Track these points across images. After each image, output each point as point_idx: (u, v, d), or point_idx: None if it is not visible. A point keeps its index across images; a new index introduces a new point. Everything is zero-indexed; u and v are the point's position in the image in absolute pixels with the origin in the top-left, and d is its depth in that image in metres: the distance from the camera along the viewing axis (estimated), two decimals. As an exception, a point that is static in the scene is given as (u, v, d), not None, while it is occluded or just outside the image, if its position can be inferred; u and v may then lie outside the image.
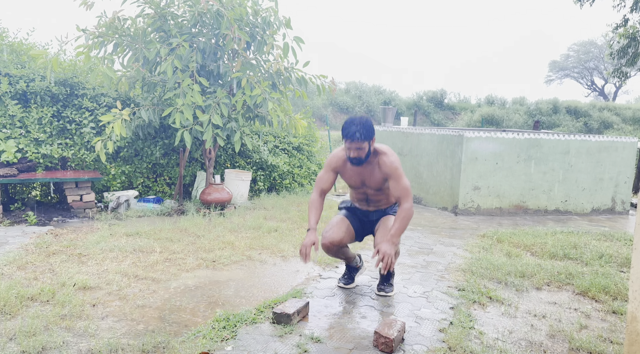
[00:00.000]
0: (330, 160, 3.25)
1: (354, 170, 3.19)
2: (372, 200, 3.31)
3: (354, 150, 3.01)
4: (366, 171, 3.16)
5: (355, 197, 3.39)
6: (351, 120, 3.01)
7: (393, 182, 3.06)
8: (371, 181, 3.18)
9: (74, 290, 3.11)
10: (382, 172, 3.11)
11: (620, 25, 10.29)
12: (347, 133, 2.98)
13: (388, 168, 3.06)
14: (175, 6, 5.44)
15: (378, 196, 3.27)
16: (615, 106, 25.37)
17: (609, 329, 2.86)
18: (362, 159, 3.06)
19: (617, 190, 7.04)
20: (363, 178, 3.20)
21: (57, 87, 5.72)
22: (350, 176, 3.24)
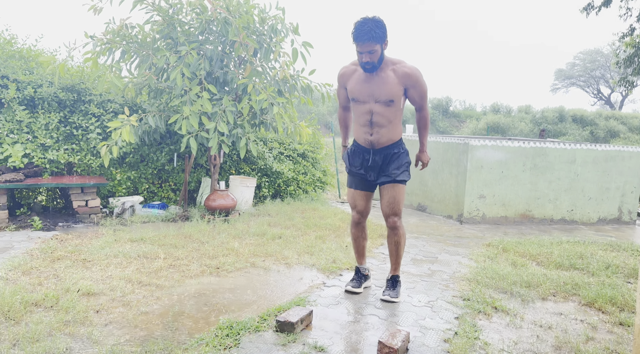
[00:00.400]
0: (340, 75, 3.29)
1: (363, 78, 3.09)
2: (376, 123, 3.15)
3: (366, 54, 2.91)
4: (376, 80, 3.05)
5: (359, 122, 3.24)
6: (363, 20, 2.88)
7: (414, 91, 3.09)
8: (380, 93, 3.06)
9: (78, 295, 3.11)
10: (400, 80, 3.02)
11: (626, 34, 10.27)
12: (359, 34, 2.85)
13: (408, 78, 3.02)
14: (183, 14, 5.49)
15: (382, 117, 3.13)
16: (621, 115, 25.28)
17: (616, 342, 2.82)
18: (376, 64, 2.96)
19: (624, 199, 6.99)
20: (372, 89, 3.08)
21: (64, 92, 5.77)
22: (358, 88, 3.12)
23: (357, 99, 3.17)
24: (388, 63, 3.06)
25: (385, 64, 3.05)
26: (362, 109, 3.18)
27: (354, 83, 3.15)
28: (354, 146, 3.37)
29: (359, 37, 2.87)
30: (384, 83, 3.04)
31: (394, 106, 3.12)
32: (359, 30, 2.87)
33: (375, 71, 3.02)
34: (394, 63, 3.07)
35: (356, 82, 3.14)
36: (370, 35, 2.84)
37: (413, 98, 3.16)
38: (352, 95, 3.19)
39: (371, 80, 3.07)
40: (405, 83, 3.07)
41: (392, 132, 3.20)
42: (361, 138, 3.28)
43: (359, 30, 2.87)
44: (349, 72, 3.20)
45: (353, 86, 3.15)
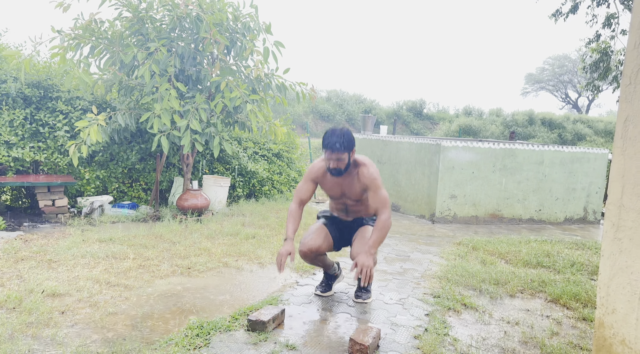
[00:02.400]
0: (310, 171, 3.26)
1: (334, 180, 3.21)
2: (352, 211, 3.33)
3: (333, 161, 3.03)
4: (346, 182, 3.18)
5: (335, 207, 3.41)
6: (332, 131, 3.04)
7: (371, 193, 3.09)
8: (351, 192, 3.21)
9: (43, 296, 3.02)
10: (361, 183, 3.13)
11: (592, 40, 10.62)
12: (328, 144, 3.00)
13: (367, 179, 3.09)
14: (154, 10, 5.40)
15: (357, 206, 3.29)
16: (588, 118, 26.11)
17: (579, 336, 2.91)
18: (342, 170, 3.08)
19: (589, 200, 7.22)
20: (343, 189, 3.22)
21: (30, 89, 5.60)
22: (329, 186, 3.26)
23: (331, 196, 3.33)
24: (354, 166, 3.16)
25: (352, 166, 3.16)
26: (337, 201, 3.35)
27: (328, 184, 3.26)
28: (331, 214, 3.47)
29: (328, 146, 3.00)
30: (351, 187, 3.18)
31: (366, 199, 3.23)
32: (328, 139, 3.00)
33: (342, 175, 3.13)
34: (359, 166, 3.15)
35: (330, 184, 3.25)
36: (340, 146, 2.97)
37: (371, 200, 3.10)
38: (326, 191, 3.32)
39: (341, 181, 3.20)
40: (365, 185, 3.13)
41: (367, 212, 3.32)
42: (336, 214, 3.43)
43: (328, 140, 3.00)
44: (321, 173, 3.23)
45: (327, 186, 3.27)
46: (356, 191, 3.18)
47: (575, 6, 10.04)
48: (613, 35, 10.22)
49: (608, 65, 10.38)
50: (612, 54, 10.33)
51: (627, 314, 1.89)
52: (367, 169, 3.11)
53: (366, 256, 2.87)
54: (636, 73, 1.90)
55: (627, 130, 1.93)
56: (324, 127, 22.33)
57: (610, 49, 10.29)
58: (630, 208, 1.89)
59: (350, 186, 3.19)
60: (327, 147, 3.00)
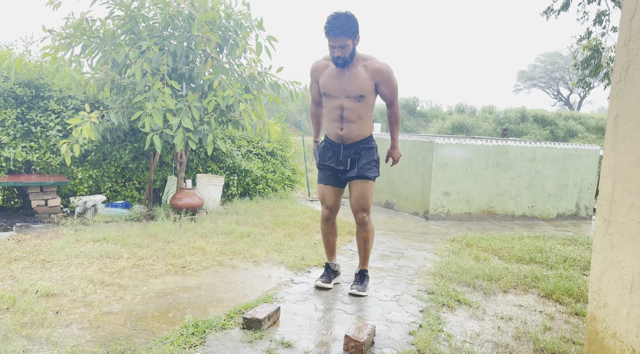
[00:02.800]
0: (312, 70, 3.30)
1: (335, 73, 3.12)
2: (346, 118, 3.18)
3: (338, 49, 2.94)
4: (348, 75, 3.08)
5: (330, 118, 3.27)
6: (335, 15, 2.91)
7: (385, 87, 3.12)
8: (352, 88, 3.09)
9: (36, 297, 3.01)
10: (371, 76, 3.06)
11: (583, 37, 10.67)
12: (331, 28, 2.87)
13: (379, 74, 3.07)
14: (146, 8, 5.37)
15: (353, 112, 3.16)
16: (579, 115, 26.30)
17: (572, 331, 2.94)
18: (347, 59, 2.99)
19: (581, 196, 7.28)
20: (343, 84, 3.11)
21: (21, 88, 5.56)
22: (329, 83, 3.15)
23: (328, 94, 3.21)
24: (359, 59, 3.11)
25: (356, 60, 3.09)
26: (333, 104, 3.22)
27: (326, 78, 3.18)
28: (325, 141, 3.41)
29: (331, 32, 2.90)
30: (355, 79, 3.08)
31: (365, 102, 3.16)
32: (331, 24, 2.89)
33: (347, 66, 3.06)
34: (365, 60, 3.12)
35: (328, 76, 3.17)
36: (342, 30, 2.87)
37: (384, 93, 3.20)
38: (324, 90, 3.22)
39: (342, 75, 3.11)
40: (376, 78, 3.11)
41: (362, 128, 3.24)
42: (332, 133, 3.31)
43: (331, 25, 2.89)
44: (321, 66, 3.23)
45: (325, 81, 3.19)
46: (358, 86, 3.08)
47: (567, 3, 10.09)
48: (604, 32, 10.28)
49: (599, 62, 10.46)
50: (603, 50, 10.40)
51: (619, 308, 1.92)
52: (376, 62, 3.10)
53: (394, 150, 3.44)
54: (626, 70, 1.92)
55: (617, 126, 1.95)
56: (317, 125, 22.29)
57: (601, 45, 10.36)
58: (621, 204, 1.92)
59: (352, 81, 3.08)
60: (330, 33, 2.88)
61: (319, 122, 3.54)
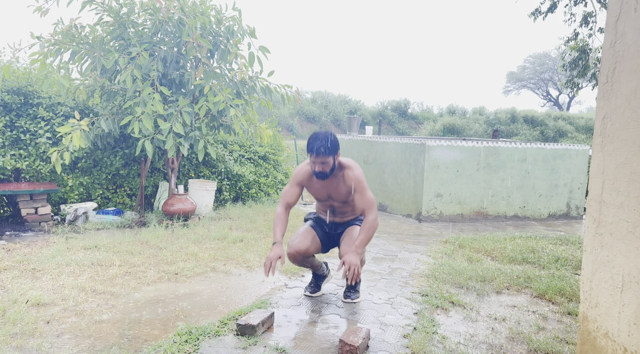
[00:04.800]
0: (295, 175, 3.27)
1: (320, 183, 3.22)
2: (338, 212, 3.35)
3: (318, 165, 3.05)
4: (332, 184, 3.20)
5: (322, 209, 3.43)
6: (316, 135, 3.06)
7: (357, 195, 3.11)
8: (337, 195, 3.23)
9: (27, 306, 2.97)
10: (347, 185, 3.16)
11: (571, 38, 10.79)
12: (312, 148, 3.02)
13: (353, 181, 3.12)
14: (136, 14, 5.35)
15: (344, 208, 3.31)
16: (569, 115, 26.55)
17: (565, 330, 2.96)
18: (327, 173, 3.09)
19: (572, 195, 7.34)
20: (329, 191, 3.24)
21: (9, 95, 5.51)
22: (316, 189, 3.28)
23: (317, 198, 3.36)
24: (340, 168, 3.19)
25: (337, 168, 3.18)
26: (323, 203, 3.37)
27: (313, 186, 3.27)
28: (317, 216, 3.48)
29: (312, 150, 3.02)
30: (337, 188, 3.20)
31: (352, 201, 3.25)
32: (312, 143, 3.02)
33: (327, 178, 3.14)
34: (344, 168, 3.18)
35: (316, 187, 3.26)
36: (324, 149, 2.99)
37: (358, 202, 3.11)
38: (312, 194, 3.34)
39: (327, 184, 3.21)
40: (351, 187, 3.16)
41: (353, 213, 3.35)
42: (323, 215, 3.43)
43: (312, 144, 3.02)
44: (307, 177, 3.25)
45: (314, 190, 3.29)
46: (342, 193, 3.20)
47: (554, 5, 10.20)
48: (591, 34, 10.41)
49: (587, 63, 10.57)
50: (590, 51, 10.52)
51: (610, 307, 1.93)
52: (352, 171, 3.14)
53: (353, 255, 2.86)
54: (612, 72, 1.94)
55: (605, 127, 1.97)
56: (309, 128, 22.34)
57: (588, 46, 10.48)
58: (611, 204, 1.94)
59: (336, 189, 3.21)
60: (312, 151, 3.02)
61: (283, 225, 3.14)
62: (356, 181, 3.10)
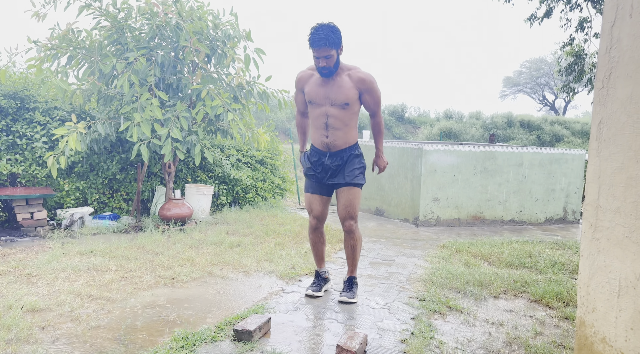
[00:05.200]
0: (297, 80, 3.32)
1: (320, 83, 3.17)
2: (332, 126, 3.21)
3: (322, 59, 2.99)
4: (332, 84, 3.13)
5: (315, 126, 3.29)
6: (319, 26, 2.97)
7: (368, 97, 3.16)
8: (336, 96, 3.13)
9: (22, 312, 2.95)
10: (355, 85, 3.11)
11: (567, 43, 10.86)
12: (315, 40, 2.93)
13: (363, 83, 3.12)
14: (133, 19, 5.36)
15: (338, 120, 3.20)
16: (565, 120, 26.65)
17: (562, 335, 2.96)
18: (332, 69, 3.03)
19: (568, 200, 7.36)
20: (327, 92, 3.15)
21: (6, 100, 5.50)
22: (314, 91, 3.19)
23: (313, 102, 3.24)
24: (344, 69, 3.17)
25: (341, 69, 3.15)
26: (318, 112, 3.25)
27: (311, 87, 3.22)
28: (311, 149, 3.43)
29: (315, 43, 2.95)
30: (340, 87, 3.13)
31: (349, 110, 3.20)
32: (315, 36, 2.95)
33: (332, 76, 3.10)
34: (349, 69, 3.18)
35: (313, 85, 3.21)
36: (326, 41, 2.93)
37: (367, 103, 3.25)
38: (309, 98, 3.25)
39: (327, 84, 3.16)
40: (360, 87, 3.16)
41: (347, 135, 3.27)
42: (317, 141, 3.33)
43: (315, 36, 2.95)
44: (306, 76, 3.27)
45: (310, 89, 3.23)
46: (343, 94, 3.13)
47: (550, 10, 10.27)
48: (586, 39, 10.48)
49: (582, 68, 10.63)
50: (586, 56, 10.59)
51: (607, 312, 1.93)
52: (360, 71, 3.15)
53: (379, 159, 3.49)
54: (608, 77, 1.95)
55: (601, 132, 1.98)
56: (306, 132, 22.29)
57: (584, 51, 10.55)
58: (607, 209, 1.94)
59: (336, 90, 3.13)
60: (314, 44, 2.94)
61: (304, 132, 3.56)
62: (366, 81, 3.11)
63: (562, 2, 10.22)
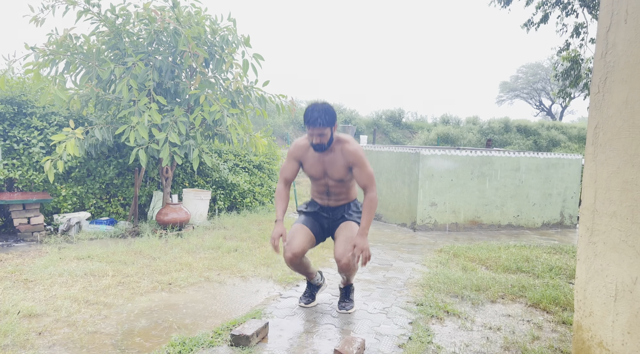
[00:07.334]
0: (292, 149, 3.27)
1: (316, 158, 3.18)
2: (333, 193, 3.27)
3: (316, 137, 3.01)
4: (328, 159, 3.15)
5: (316, 190, 3.34)
6: (313, 106, 3.01)
7: (357, 170, 3.11)
8: (333, 171, 3.16)
9: (19, 317, 2.94)
10: (346, 160, 3.11)
11: (563, 48, 10.92)
12: (309, 119, 2.98)
13: (352, 156, 3.09)
14: (131, 24, 5.37)
15: (339, 188, 3.24)
16: (562, 125, 26.75)
17: (559, 339, 2.96)
18: (325, 145, 3.05)
19: (565, 204, 7.38)
20: (325, 167, 3.18)
21: (3, 105, 5.49)
22: (312, 165, 3.21)
23: (313, 177, 3.30)
24: (337, 142, 3.18)
25: (335, 143, 3.16)
26: (318, 182, 3.32)
27: (310, 163, 3.24)
28: (311, 201, 3.45)
29: (310, 122, 3.00)
30: (334, 164, 3.17)
31: (347, 180, 3.25)
32: (310, 115, 3.00)
33: (325, 151, 3.13)
34: (342, 143, 3.17)
35: (311, 160, 3.23)
36: (321, 121, 2.98)
37: (357, 177, 3.15)
38: (309, 173, 3.30)
39: (323, 159, 3.19)
40: (349, 161, 3.14)
41: (348, 196, 3.33)
42: (317, 199, 3.39)
43: (309, 116, 3.00)
44: (304, 148, 3.25)
45: (309, 166, 3.26)
46: (339, 169, 3.15)
47: (546, 16, 10.34)
48: (582, 44, 10.54)
49: (578, 73, 10.69)
50: (582, 62, 10.65)
51: (604, 316, 1.94)
52: (351, 145, 3.13)
53: (361, 238, 3.00)
54: (604, 82, 1.97)
55: (597, 137, 1.99)
56: (304, 137, 22.29)
57: (580, 57, 10.61)
58: (603, 213, 1.95)
59: (333, 164, 3.15)
60: (309, 122, 2.98)
61: (284, 203, 3.25)
62: (356, 154, 3.09)
63: (558, 8, 10.29)
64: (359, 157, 3.09)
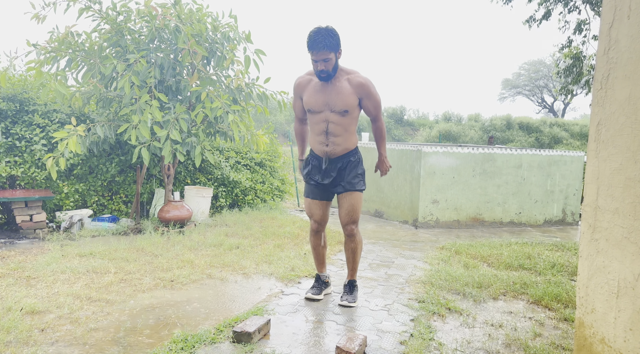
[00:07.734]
0: (295, 86, 3.29)
1: (318, 88, 3.13)
2: (331, 133, 3.17)
3: (321, 63, 2.95)
4: (331, 90, 3.09)
5: (315, 131, 3.25)
6: (317, 29, 2.93)
7: (367, 102, 3.13)
8: (336, 102, 3.09)
9: (21, 314, 2.95)
10: (355, 90, 3.07)
11: (565, 46, 10.88)
12: (312, 43, 2.90)
13: (362, 88, 3.08)
14: (132, 21, 5.36)
15: (338, 126, 3.16)
16: (564, 122, 26.69)
17: (561, 336, 2.96)
18: (330, 73, 3.00)
19: (567, 201, 7.37)
20: (327, 99, 3.11)
21: (5, 102, 5.50)
22: (313, 98, 3.14)
23: (312, 109, 3.21)
24: (343, 73, 3.12)
25: (340, 74, 3.11)
26: (317, 118, 3.21)
27: (310, 94, 3.18)
28: (310, 155, 3.40)
29: (313, 46, 2.92)
30: (339, 93, 3.09)
31: (349, 116, 3.18)
32: (313, 39, 2.92)
33: (330, 80, 3.07)
34: (349, 74, 3.13)
35: (312, 92, 3.17)
36: (324, 44, 2.90)
37: (367, 108, 3.22)
38: (308, 106, 3.21)
39: (326, 89, 3.11)
40: (360, 93, 3.12)
41: (347, 141, 3.24)
42: (317, 148, 3.31)
43: (313, 39, 2.91)
44: (305, 82, 3.23)
45: (308, 96, 3.18)
46: (343, 98, 3.08)
47: (548, 13, 10.30)
48: (584, 41, 10.50)
49: (580, 70, 10.65)
50: (584, 58, 10.61)
51: (606, 313, 1.94)
52: (359, 76, 3.12)
53: (383, 164, 3.52)
54: (606, 79, 1.96)
55: (600, 133, 1.99)
56: (305, 135, 22.30)
57: (582, 54, 10.57)
58: (606, 210, 1.95)
59: (335, 96, 3.08)
60: (312, 46, 2.90)
61: (303, 140, 3.51)
62: (365, 87, 3.08)
63: (560, 4, 10.25)
64: (369, 89, 3.11)
